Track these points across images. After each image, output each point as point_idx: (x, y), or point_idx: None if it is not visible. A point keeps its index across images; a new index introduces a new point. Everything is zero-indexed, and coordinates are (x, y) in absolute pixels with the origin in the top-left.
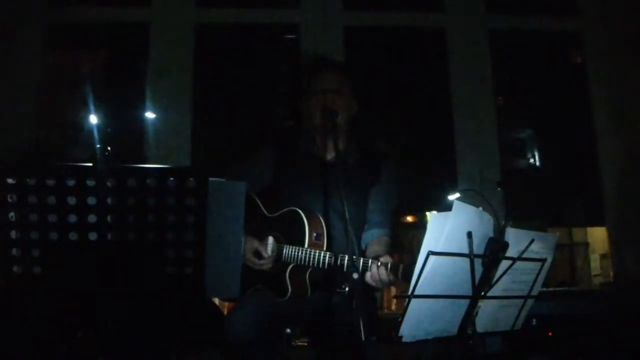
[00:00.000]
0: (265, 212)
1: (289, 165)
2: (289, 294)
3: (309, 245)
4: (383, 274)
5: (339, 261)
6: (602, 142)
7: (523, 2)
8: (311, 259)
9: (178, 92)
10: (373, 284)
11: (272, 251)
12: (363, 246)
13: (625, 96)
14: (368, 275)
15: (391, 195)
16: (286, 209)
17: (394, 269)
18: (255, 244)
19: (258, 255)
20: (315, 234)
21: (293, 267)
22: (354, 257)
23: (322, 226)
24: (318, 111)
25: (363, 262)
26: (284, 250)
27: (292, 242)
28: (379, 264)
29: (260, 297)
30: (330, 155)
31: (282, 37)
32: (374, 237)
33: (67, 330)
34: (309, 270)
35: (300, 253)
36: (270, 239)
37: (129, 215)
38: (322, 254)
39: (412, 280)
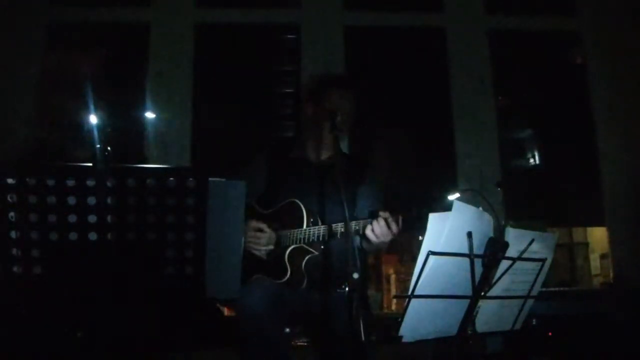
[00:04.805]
0: (261, 211)
1: (282, 171)
2: (288, 274)
3: (307, 227)
4: (383, 225)
5: (334, 230)
6: (602, 141)
7: (522, 2)
8: (309, 235)
9: (178, 92)
10: (374, 238)
11: (270, 238)
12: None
13: (625, 96)
14: (369, 229)
15: (378, 195)
16: (283, 202)
17: (394, 221)
18: (254, 222)
19: (260, 231)
20: (312, 220)
21: (292, 249)
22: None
23: (317, 218)
24: (316, 117)
25: (363, 223)
26: (282, 235)
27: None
28: (379, 217)
29: (262, 283)
30: (322, 157)
31: (282, 37)
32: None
33: (67, 330)
34: (307, 257)
35: (298, 233)
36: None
37: (129, 215)
38: (319, 228)
39: (412, 280)
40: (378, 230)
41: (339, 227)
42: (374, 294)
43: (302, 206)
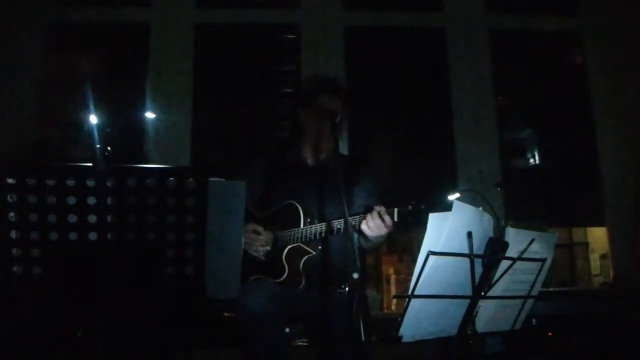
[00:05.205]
0: (258, 214)
1: (279, 175)
2: (285, 273)
3: (304, 226)
4: (376, 217)
5: (331, 226)
6: (602, 141)
7: (523, 2)
8: (306, 234)
9: (178, 92)
10: (369, 232)
11: (268, 239)
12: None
13: (625, 95)
14: (364, 224)
15: (373, 194)
16: (280, 205)
17: (389, 214)
18: (251, 225)
19: (256, 233)
20: (309, 220)
21: (289, 249)
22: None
23: (315, 217)
24: (316, 119)
25: (359, 218)
26: (279, 235)
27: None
28: (373, 211)
29: (261, 283)
30: (319, 159)
31: (282, 37)
32: None
33: (67, 330)
34: (305, 257)
35: (295, 232)
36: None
37: (129, 215)
38: (315, 227)
39: (412, 280)
40: (372, 224)
41: (335, 224)
42: (374, 294)
43: (299, 207)
